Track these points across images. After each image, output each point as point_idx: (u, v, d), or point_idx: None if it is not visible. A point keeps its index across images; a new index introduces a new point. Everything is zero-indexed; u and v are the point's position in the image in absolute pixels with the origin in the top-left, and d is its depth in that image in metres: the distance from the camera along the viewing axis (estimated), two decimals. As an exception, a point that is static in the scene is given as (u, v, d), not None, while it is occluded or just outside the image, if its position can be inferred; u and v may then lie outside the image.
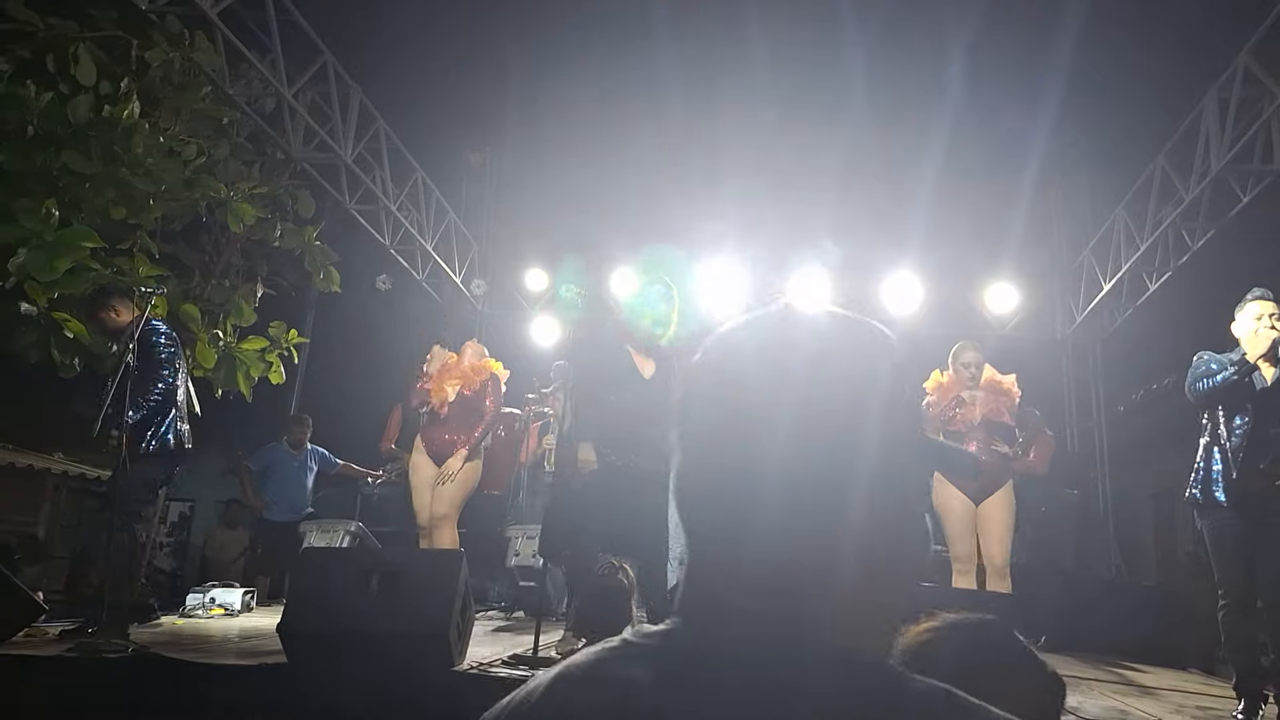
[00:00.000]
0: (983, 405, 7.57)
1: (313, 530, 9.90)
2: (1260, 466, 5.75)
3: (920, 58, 12.09)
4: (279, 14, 8.89)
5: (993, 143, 13.33)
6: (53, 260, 7.05)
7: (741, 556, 0.99)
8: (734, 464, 1.00)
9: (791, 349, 1.04)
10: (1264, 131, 8.81)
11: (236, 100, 8.90)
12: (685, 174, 13.38)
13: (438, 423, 8.07)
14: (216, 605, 8.31)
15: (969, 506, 7.54)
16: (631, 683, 0.94)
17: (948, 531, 7.65)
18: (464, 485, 7.98)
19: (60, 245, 7.08)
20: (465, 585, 5.25)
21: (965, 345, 7.86)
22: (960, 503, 7.53)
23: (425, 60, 12.63)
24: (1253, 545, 5.84)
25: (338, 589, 5.09)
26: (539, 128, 14.28)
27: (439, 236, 13.34)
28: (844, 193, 12.94)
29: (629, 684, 0.94)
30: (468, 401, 8.08)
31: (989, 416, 7.56)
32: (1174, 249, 11.07)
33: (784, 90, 12.54)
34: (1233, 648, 5.98)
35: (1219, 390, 5.92)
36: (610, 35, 12.17)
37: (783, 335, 1.07)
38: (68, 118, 7.24)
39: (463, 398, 8.05)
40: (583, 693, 0.97)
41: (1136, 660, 8.31)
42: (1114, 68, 11.87)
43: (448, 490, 7.85)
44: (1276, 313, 5.82)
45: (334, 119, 10.12)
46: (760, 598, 0.97)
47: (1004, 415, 7.63)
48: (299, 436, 10.84)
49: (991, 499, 7.50)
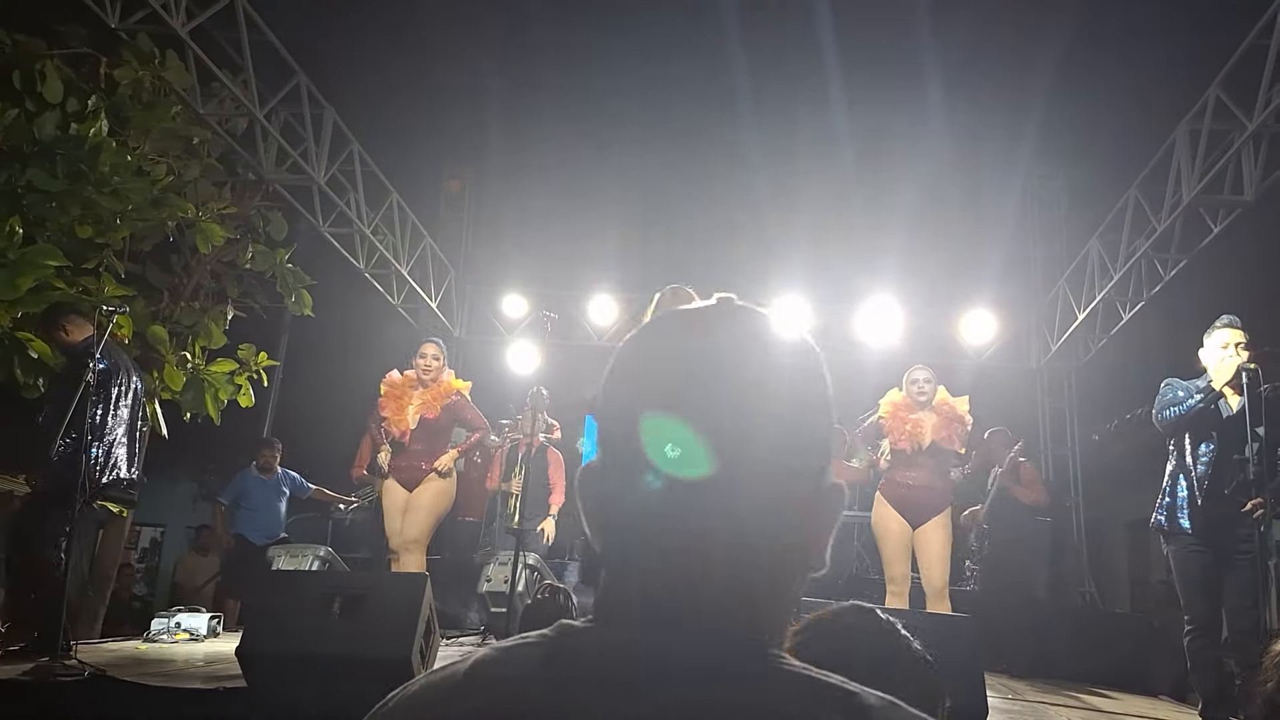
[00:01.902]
0: (934, 431, 7.55)
1: (281, 555, 9.83)
2: (1225, 493, 5.78)
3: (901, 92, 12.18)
4: (252, 33, 8.86)
5: (971, 175, 13.41)
6: (16, 279, 6.96)
7: (636, 552, 1.03)
8: (624, 459, 1.03)
9: (681, 339, 1.08)
10: (1234, 162, 8.85)
11: (207, 120, 8.85)
12: (663, 202, 13.41)
13: (404, 451, 7.88)
14: (181, 630, 8.22)
15: (906, 529, 7.52)
16: (524, 672, 0.98)
17: (884, 553, 7.67)
18: (435, 510, 7.84)
19: (24, 264, 7.00)
20: (430, 609, 5.20)
21: (918, 366, 7.88)
22: (898, 525, 7.52)
23: (402, 83, 12.64)
24: (1218, 572, 5.86)
25: (299, 612, 5.03)
26: (518, 153, 14.32)
27: (414, 261, 13.28)
28: (820, 222, 12.98)
29: (522, 673, 0.98)
30: (431, 425, 7.90)
31: (939, 443, 7.54)
32: (1147, 279, 11.11)
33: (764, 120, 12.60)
34: (1199, 674, 5.99)
35: (1185, 417, 5.94)
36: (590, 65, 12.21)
37: (674, 327, 1.10)
38: (34, 135, 7.18)
39: (425, 422, 7.87)
40: (480, 684, 0.99)
41: (1107, 687, 8.31)
42: (1090, 101, 11.97)
43: (419, 516, 7.72)
44: (1244, 341, 5.86)
45: (307, 140, 10.09)
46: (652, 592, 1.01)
47: (954, 443, 7.62)
48: (268, 460, 10.78)
49: (929, 524, 7.47)
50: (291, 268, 9.92)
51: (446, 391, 7.98)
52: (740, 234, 13.51)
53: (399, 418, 7.85)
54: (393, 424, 7.86)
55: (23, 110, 7.26)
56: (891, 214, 12.96)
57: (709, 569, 0.99)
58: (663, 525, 1.00)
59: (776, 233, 13.63)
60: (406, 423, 7.83)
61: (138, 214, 7.93)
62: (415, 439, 7.84)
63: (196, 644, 8.20)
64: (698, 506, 0.98)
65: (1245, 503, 5.65)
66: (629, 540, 1.04)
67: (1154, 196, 10.37)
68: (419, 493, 7.80)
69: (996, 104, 12.30)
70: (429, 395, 7.89)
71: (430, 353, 7.97)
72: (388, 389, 8.00)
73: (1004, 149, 12.88)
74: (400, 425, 7.84)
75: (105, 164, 7.47)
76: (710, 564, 0.99)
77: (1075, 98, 11.63)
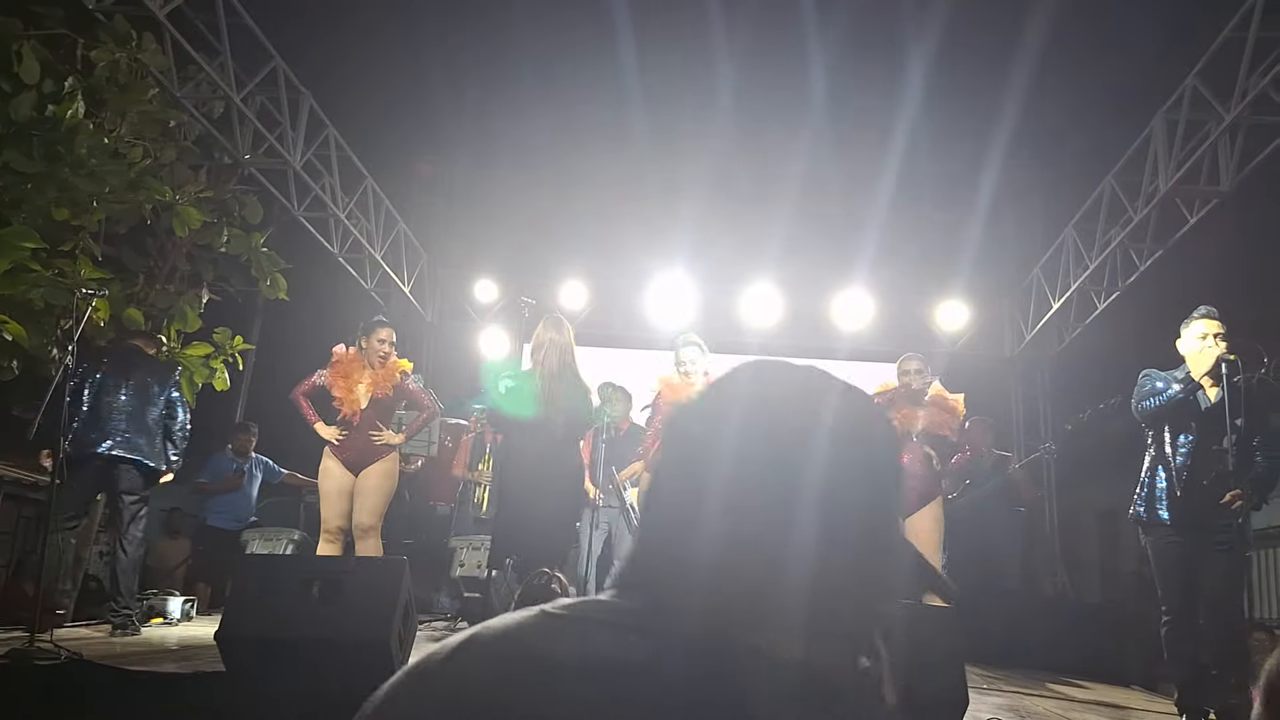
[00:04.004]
0: (926, 418, 7.54)
1: (255, 538, 9.80)
2: (1204, 484, 5.79)
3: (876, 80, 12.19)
4: (229, 16, 8.80)
5: (946, 163, 13.44)
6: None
7: (682, 565, 1.06)
8: (682, 485, 1.12)
9: (736, 386, 1.17)
10: (1211, 153, 8.91)
11: (184, 103, 8.79)
12: (639, 189, 13.40)
13: (352, 429, 7.61)
14: (155, 614, 8.20)
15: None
16: (552, 661, 1.00)
17: None
18: (385, 492, 7.63)
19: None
20: (408, 593, 5.19)
21: (910, 356, 7.85)
22: None
23: (377, 69, 12.60)
24: (1195, 563, 5.88)
25: (278, 596, 5.00)
26: (492, 139, 14.32)
27: (388, 246, 13.25)
28: (798, 210, 12.98)
29: (549, 662, 1.00)
30: (381, 404, 7.69)
31: (930, 429, 7.54)
32: (1122, 269, 11.17)
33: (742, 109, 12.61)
34: (1175, 665, 6.02)
35: (1164, 408, 5.96)
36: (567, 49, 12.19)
37: (732, 377, 1.19)
38: (9, 116, 7.11)
39: (375, 402, 7.64)
40: (495, 661, 1.02)
41: (1079, 677, 8.35)
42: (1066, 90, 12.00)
43: (371, 500, 7.51)
44: (1221, 332, 5.87)
45: (283, 125, 10.04)
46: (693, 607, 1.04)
47: (946, 430, 7.61)
48: (244, 445, 10.75)
49: (920, 513, 7.43)
50: (267, 251, 9.86)
51: (395, 370, 7.77)
52: (713, 220, 13.50)
53: (350, 397, 7.64)
54: (344, 403, 7.65)
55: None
56: (865, 201, 12.97)
57: (758, 593, 1.04)
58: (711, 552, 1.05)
59: (749, 219, 13.64)
60: (358, 402, 7.62)
61: (114, 196, 7.86)
62: (364, 419, 7.62)
63: (170, 627, 8.19)
64: (747, 537, 1.05)
65: (1224, 494, 5.68)
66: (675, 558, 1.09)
67: (1130, 186, 10.42)
68: (367, 475, 7.58)
69: (972, 91, 12.32)
70: (380, 375, 7.69)
71: (389, 337, 7.77)
72: (336, 363, 7.76)
73: (979, 137, 12.90)
74: (351, 405, 7.63)
75: (82, 146, 7.40)
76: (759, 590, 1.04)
77: (1052, 86, 11.65)
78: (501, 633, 1.05)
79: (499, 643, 1.04)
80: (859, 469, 1.09)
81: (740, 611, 1.02)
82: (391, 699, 1.04)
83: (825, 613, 1.04)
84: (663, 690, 0.96)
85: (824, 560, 1.03)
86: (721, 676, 0.97)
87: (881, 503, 1.11)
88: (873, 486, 1.10)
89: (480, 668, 1.01)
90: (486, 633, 1.05)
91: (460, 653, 1.04)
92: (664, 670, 0.97)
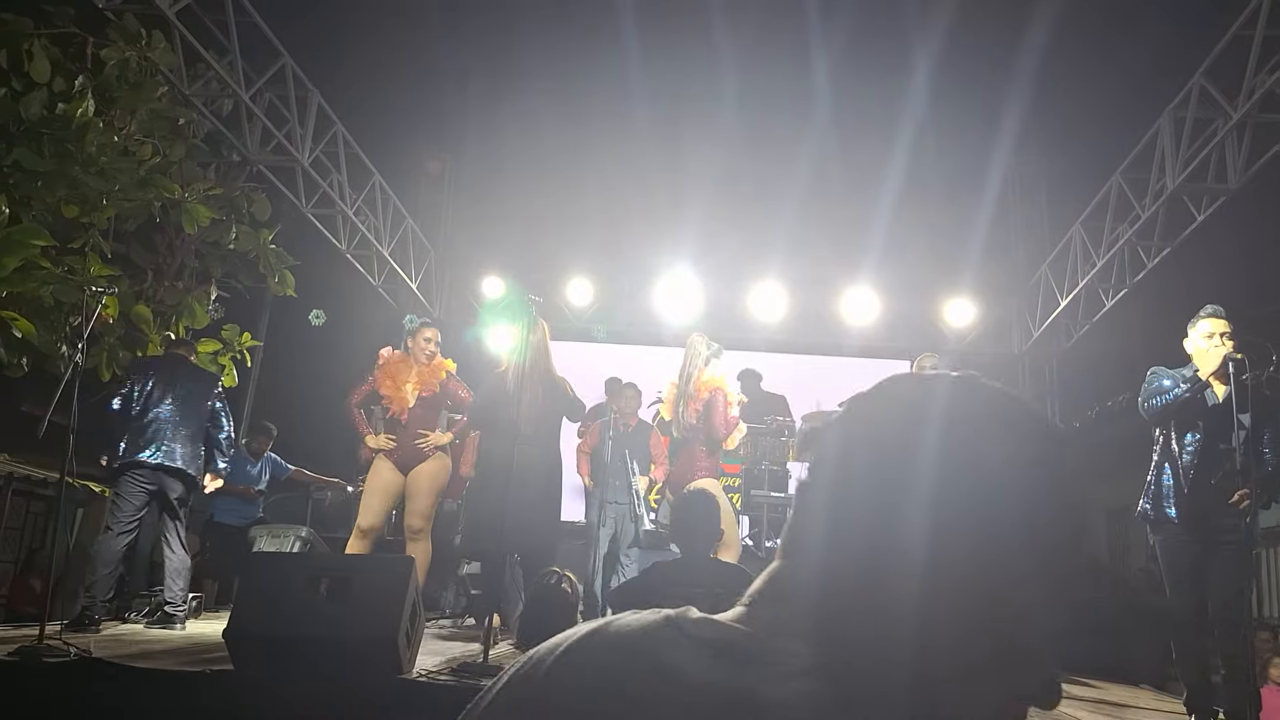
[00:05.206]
0: None
1: (263, 535, 9.81)
2: (1211, 482, 5.77)
3: (883, 78, 12.18)
4: (238, 15, 8.82)
5: (953, 160, 13.42)
6: (1, 258, 6.94)
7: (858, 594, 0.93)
8: (875, 504, 0.95)
9: (932, 399, 1.03)
10: (1218, 151, 8.89)
11: (193, 101, 8.82)
12: (646, 187, 13.39)
13: (400, 428, 7.71)
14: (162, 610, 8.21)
15: None
16: (702, 679, 0.87)
17: None
18: (435, 491, 7.72)
19: (10, 243, 6.97)
20: (415, 592, 5.20)
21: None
22: None
23: (385, 66, 12.60)
24: (1204, 561, 5.86)
25: (286, 594, 5.01)
26: (499, 136, 14.32)
27: (395, 242, 13.26)
28: (805, 207, 12.98)
29: (698, 681, 0.87)
30: (429, 402, 7.81)
31: None
32: (1130, 266, 11.15)
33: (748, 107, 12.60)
34: (1184, 664, 6.00)
35: (1171, 406, 5.94)
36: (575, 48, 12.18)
37: (928, 387, 1.05)
38: (20, 114, 7.14)
39: (422, 400, 7.75)
40: (626, 674, 0.89)
41: (1088, 675, 8.33)
42: (1073, 88, 11.99)
43: (422, 503, 7.58)
44: (1228, 330, 5.86)
45: (292, 122, 10.07)
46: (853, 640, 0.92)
47: None
48: (261, 446, 10.73)
49: None
50: (275, 248, 9.88)
51: (440, 369, 7.89)
52: (719, 217, 13.50)
53: (398, 395, 7.73)
54: (392, 402, 7.75)
55: (9, 89, 7.22)
56: (872, 198, 12.96)
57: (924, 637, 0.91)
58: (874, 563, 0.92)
59: (756, 216, 13.65)
60: (406, 400, 7.72)
61: (124, 194, 7.89)
62: (412, 418, 7.72)
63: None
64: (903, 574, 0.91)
65: (1232, 493, 5.66)
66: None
67: (1138, 184, 10.40)
68: (416, 475, 7.66)
69: (979, 89, 12.32)
70: (426, 373, 7.80)
71: (434, 337, 7.88)
72: (384, 365, 7.86)
73: (987, 134, 12.90)
74: (400, 403, 7.72)
75: (91, 144, 7.43)
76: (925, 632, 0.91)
77: (1059, 84, 11.65)
78: (626, 646, 0.92)
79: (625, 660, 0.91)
80: (1054, 510, 0.98)
81: (949, 689, 0.91)
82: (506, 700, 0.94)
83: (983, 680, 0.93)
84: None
85: (1030, 618, 0.93)
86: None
87: (1074, 544, 1.00)
88: (1064, 526, 0.99)
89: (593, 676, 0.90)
90: (600, 637, 0.94)
91: (573, 653, 0.93)
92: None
